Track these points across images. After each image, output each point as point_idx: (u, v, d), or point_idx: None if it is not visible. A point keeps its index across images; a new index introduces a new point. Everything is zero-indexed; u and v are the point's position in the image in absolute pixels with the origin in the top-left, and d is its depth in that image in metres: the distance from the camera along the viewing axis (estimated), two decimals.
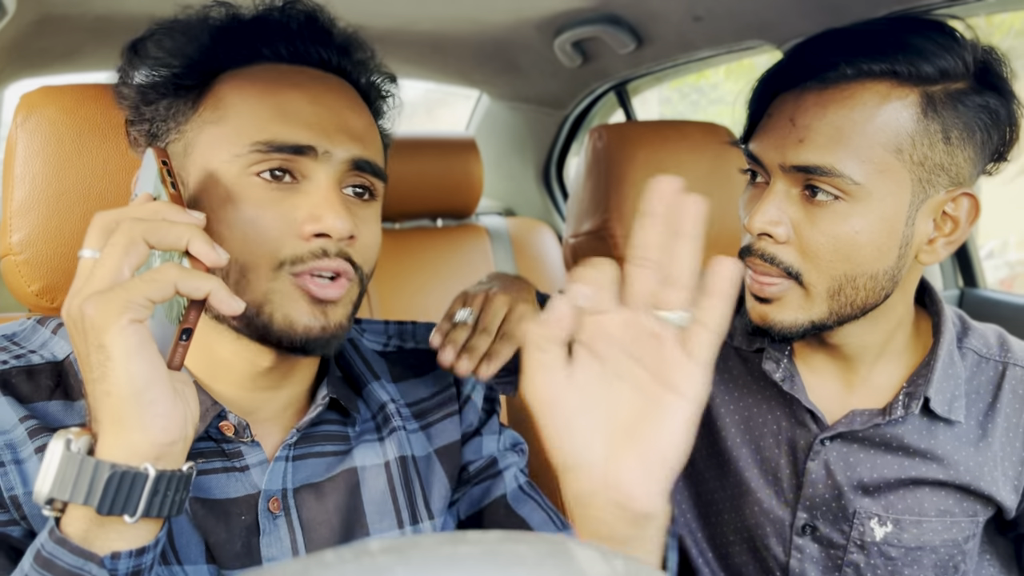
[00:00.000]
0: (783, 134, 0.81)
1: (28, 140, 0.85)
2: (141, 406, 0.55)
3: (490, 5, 1.66)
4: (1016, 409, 0.91)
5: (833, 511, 0.92)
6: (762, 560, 0.97)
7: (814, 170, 0.78)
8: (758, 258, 0.83)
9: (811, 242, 0.80)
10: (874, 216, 0.79)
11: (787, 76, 0.84)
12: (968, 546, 0.93)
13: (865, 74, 0.78)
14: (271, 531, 0.72)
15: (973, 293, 1.62)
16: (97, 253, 0.58)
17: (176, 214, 0.60)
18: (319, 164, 0.69)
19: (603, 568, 0.34)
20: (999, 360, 0.93)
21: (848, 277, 0.81)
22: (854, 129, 0.77)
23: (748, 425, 0.97)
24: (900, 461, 0.90)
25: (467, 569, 0.31)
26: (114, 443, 0.55)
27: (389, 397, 0.83)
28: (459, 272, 2.18)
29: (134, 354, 0.54)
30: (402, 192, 2.15)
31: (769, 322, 0.85)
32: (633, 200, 1.32)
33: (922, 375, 0.89)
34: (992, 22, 2.67)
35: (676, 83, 3.23)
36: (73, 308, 0.56)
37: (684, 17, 1.56)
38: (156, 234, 0.57)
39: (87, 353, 0.55)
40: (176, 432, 0.57)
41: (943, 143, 0.78)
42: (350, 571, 0.30)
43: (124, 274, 0.56)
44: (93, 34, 1.64)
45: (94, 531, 0.56)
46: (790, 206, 0.82)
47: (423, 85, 2.56)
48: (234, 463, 0.72)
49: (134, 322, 0.54)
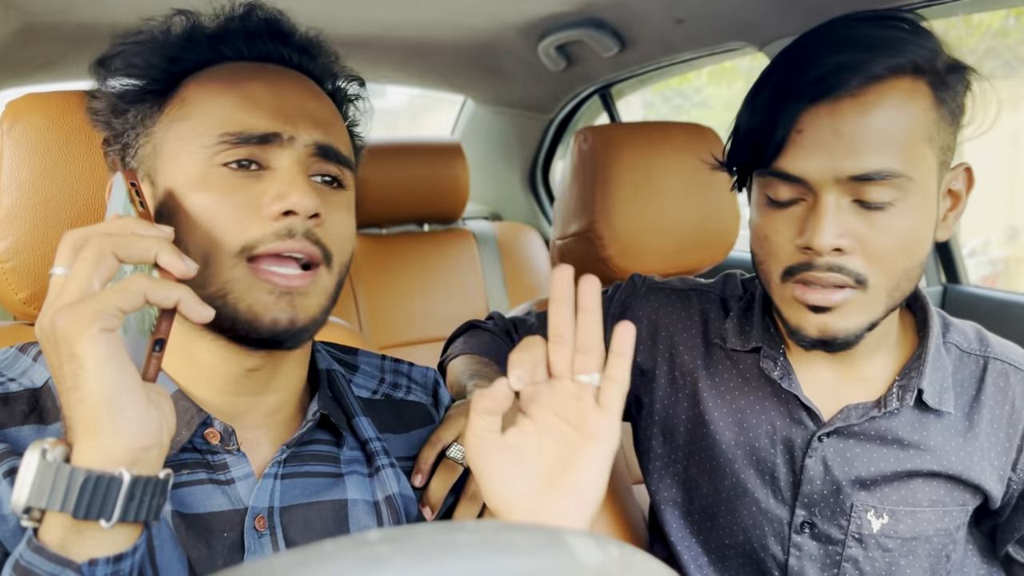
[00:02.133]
0: (829, 147, 0.80)
1: (14, 148, 0.84)
2: (113, 412, 0.55)
3: (474, 10, 1.67)
4: (999, 401, 0.93)
5: (831, 506, 0.93)
6: (759, 562, 0.97)
7: (873, 176, 0.78)
8: (825, 271, 0.82)
9: (875, 245, 0.81)
10: (922, 206, 0.82)
11: (810, 88, 0.81)
12: (958, 535, 0.94)
13: (892, 71, 0.80)
14: (256, 550, 0.70)
15: (956, 289, 1.64)
16: (67, 270, 0.59)
17: (143, 228, 0.61)
18: (283, 150, 0.70)
19: (597, 555, 0.35)
20: (980, 355, 0.94)
21: (906, 271, 0.83)
22: (895, 127, 0.79)
23: (742, 427, 0.97)
24: (895, 454, 0.91)
25: (464, 557, 0.32)
26: (89, 450, 0.56)
27: (375, 435, 0.82)
28: (446, 276, 2.18)
29: (105, 361, 0.55)
30: (388, 197, 2.15)
31: (832, 332, 0.84)
32: (620, 201, 1.33)
33: (914, 367, 0.91)
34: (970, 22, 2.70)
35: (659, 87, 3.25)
36: (44, 322, 0.57)
37: (666, 20, 1.58)
38: (125, 248, 0.59)
39: (60, 364, 0.56)
40: (150, 438, 0.57)
41: (949, 125, 0.83)
42: (349, 560, 0.30)
43: (94, 287, 0.57)
44: (75, 43, 1.63)
45: (71, 538, 0.56)
46: (846, 216, 0.81)
47: (408, 91, 2.57)
48: (219, 475, 0.71)
49: (104, 331, 0.55)
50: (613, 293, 1.11)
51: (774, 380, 0.94)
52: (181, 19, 0.75)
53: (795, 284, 0.84)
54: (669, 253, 1.39)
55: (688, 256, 1.41)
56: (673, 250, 1.38)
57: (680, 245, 1.38)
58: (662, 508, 1.04)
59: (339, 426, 0.78)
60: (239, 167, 0.69)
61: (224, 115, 0.69)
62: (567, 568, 0.33)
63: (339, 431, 0.79)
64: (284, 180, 0.68)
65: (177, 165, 0.69)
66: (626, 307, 1.08)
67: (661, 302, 1.06)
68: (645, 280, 1.11)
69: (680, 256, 1.40)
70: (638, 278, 1.11)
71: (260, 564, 0.31)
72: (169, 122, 0.71)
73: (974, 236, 3.47)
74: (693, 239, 1.39)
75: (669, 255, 1.39)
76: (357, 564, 0.30)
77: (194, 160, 0.68)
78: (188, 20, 0.75)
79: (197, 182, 0.68)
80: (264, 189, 0.68)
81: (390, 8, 1.62)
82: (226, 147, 0.68)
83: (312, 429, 0.76)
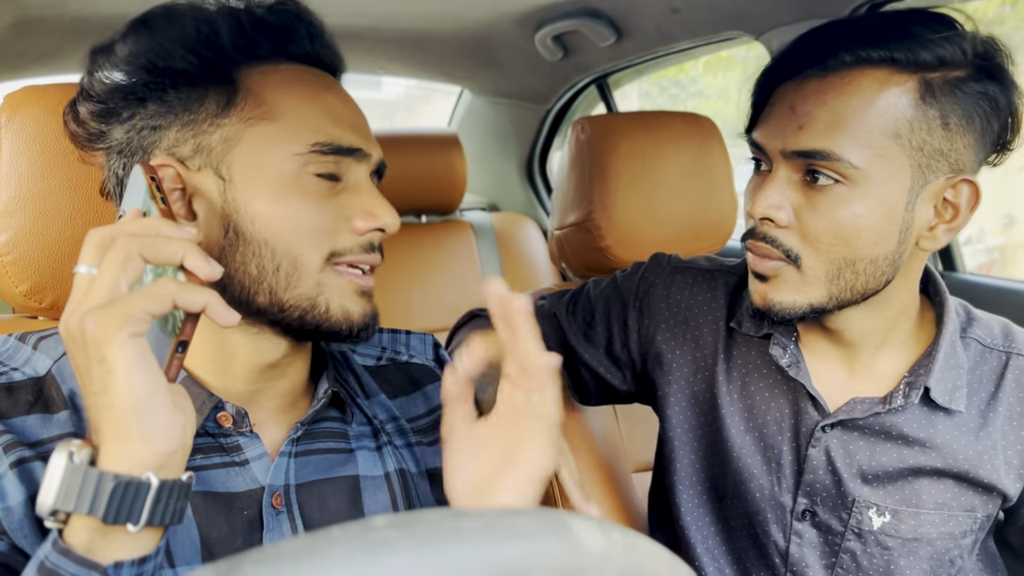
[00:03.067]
0: (784, 121, 0.83)
1: (12, 140, 0.84)
2: (143, 417, 0.55)
3: (470, 1, 1.66)
4: (1019, 398, 0.91)
5: (832, 497, 0.93)
6: (762, 546, 0.98)
7: (814, 155, 0.80)
8: (760, 240, 0.85)
9: (811, 226, 0.82)
10: (874, 200, 0.80)
11: (789, 65, 0.85)
12: (965, 541, 0.93)
13: (864, 61, 0.80)
14: (274, 527, 0.72)
15: (952, 277, 1.64)
16: (93, 269, 0.58)
17: (170, 229, 0.60)
18: (359, 165, 0.74)
19: (601, 539, 0.35)
20: (1003, 350, 0.93)
21: (848, 261, 0.82)
22: (853, 114, 0.79)
23: (752, 413, 0.97)
24: (899, 450, 0.91)
25: (469, 542, 0.32)
26: (117, 454, 0.56)
27: (387, 415, 0.84)
28: (444, 267, 2.18)
29: (135, 367, 0.55)
30: (386, 188, 2.14)
31: (768, 302, 0.87)
32: (617, 191, 1.33)
33: (924, 365, 0.90)
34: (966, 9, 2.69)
35: (656, 77, 3.24)
36: (72, 323, 0.56)
37: (663, 9, 1.58)
38: (152, 249, 0.58)
39: (87, 367, 0.56)
40: (176, 441, 0.57)
41: (942, 129, 0.79)
42: (356, 545, 0.31)
43: (122, 289, 0.57)
44: (70, 36, 1.63)
45: (97, 541, 0.56)
46: (791, 191, 0.83)
47: (404, 82, 2.56)
48: (233, 457, 0.72)
49: (134, 336, 0.55)
50: (636, 271, 1.11)
51: (783, 368, 0.94)
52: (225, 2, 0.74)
53: (746, 250, 0.89)
54: (667, 242, 1.39)
55: (686, 245, 1.41)
56: (671, 239, 1.39)
57: (678, 234, 1.39)
58: (678, 487, 1.04)
59: (347, 403, 0.80)
60: (324, 178, 0.71)
61: (314, 125, 0.71)
62: (571, 552, 0.33)
63: (346, 408, 0.80)
64: (368, 196, 0.73)
65: (263, 168, 0.69)
66: (651, 286, 1.07)
67: (687, 282, 1.06)
68: (670, 259, 1.10)
69: (678, 245, 1.40)
70: (662, 257, 1.11)
71: (268, 550, 0.31)
72: (247, 119, 0.70)
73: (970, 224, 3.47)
74: (691, 228, 1.39)
75: (667, 244, 1.39)
76: (364, 549, 0.31)
77: (285, 166, 0.70)
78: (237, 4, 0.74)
79: (289, 188, 0.69)
80: (348, 200, 0.72)
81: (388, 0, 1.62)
82: (316, 156, 0.70)
83: (324, 407, 0.78)
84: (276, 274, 0.70)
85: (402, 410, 0.86)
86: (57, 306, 0.88)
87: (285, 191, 0.69)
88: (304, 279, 0.70)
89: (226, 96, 0.70)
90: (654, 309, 1.06)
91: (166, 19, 0.71)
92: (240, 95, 0.70)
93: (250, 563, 0.30)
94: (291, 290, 0.70)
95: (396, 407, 0.85)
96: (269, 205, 0.69)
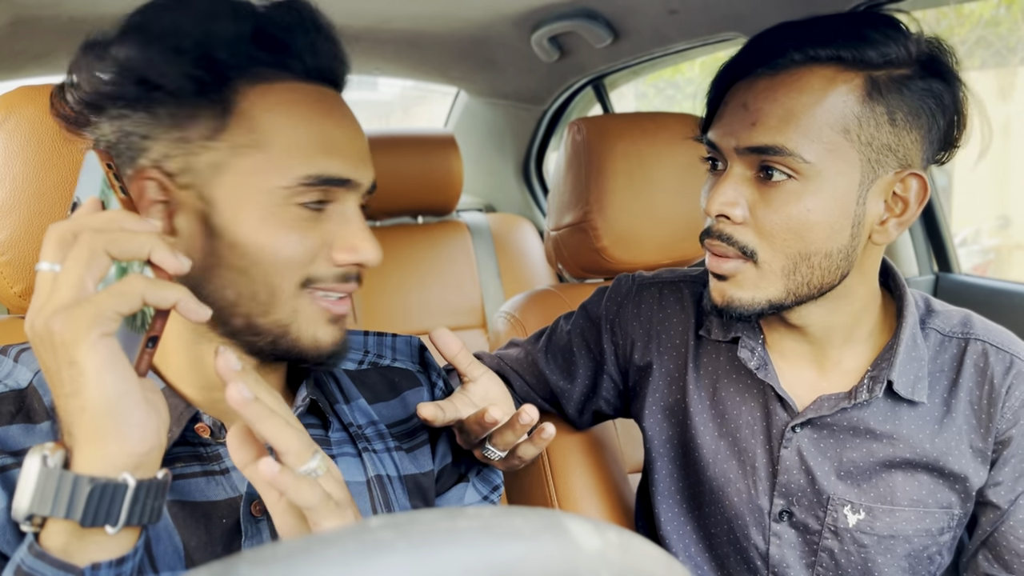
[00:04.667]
0: (737, 119, 0.84)
1: (7, 141, 0.84)
2: (116, 418, 0.55)
3: (466, 2, 1.66)
4: (978, 382, 0.93)
5: (808, 496, 0.94)
6: (743, 550, 0.98)
7: (766, 150, 0.82)
8: (716, 239, 0.86)
9: (766, 221, 0.84)
10: (825, 195, 0.82)
11: (740, 65, 0.88)
12: (943, 538, 0.94)
13: (812, 59, 0.82)
14: (254, 535, 0.71)
15: (947, 278, 1.65)
16: (56, 266, 0.57)
17: (134, 223, 0.59)
18: (349, 193, 0.72)
19: (597, 540, 0.35)
20: (960, 336, 0.94)
21: (803, 255, 0.84)
22: (803, 111, 0.81)
23: (724, 419, 0.98)
24: (868, 444, 0.92)
25: (465, 543, 0.32)
26: (91, 456, 0.55)
27: (367, 420, 0.83)
28: (441, 268, 2.18)
29: (106, 368, 0.54)
30: (382, 189, 2.12)
31: (727, 299, 0.88)
32: (614, 192, 1.33)
33: (885, 359, 0.91)
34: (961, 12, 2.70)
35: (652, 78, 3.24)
36: (38, 324, 0.55)
37: (659, 10, 1.58)
38: (117, 245, 0.57)
39: (57, 369, 0.55)
40: (151, 441, 0.57)
41: (889, 125, 0.82)
42: (351, 547, 0.31)
43: (88, 287, 0.55)
44: (66, 36, 1.63)
45: (74, 543, 0.55)
46: (746, 188, 0.85)
47: (400, 83, 2.56)
48: (213, 466, 0.72)
49: (104, 336, 0.54)
50: (601, 296, 1.11)
51: (752, 370, 0.94)
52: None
53: (705, 249, 0.89)
54: (663, 243, 1.39)
55: (683, 246, 1.41)
56: (668, 240, 1.39)
57: (675, 235, 1.39)
58: (657, 497, 1.04)
59: (326, 411, 0.79)
60: (310, 206, 0.69)
61: (305, 155, 0.68)
62: (567, 553, 0.33)
63: (326, 416, 0.80)
64: (352, 227, 0.71)
65: (247, 197, 0.67)
66: (619, 307, 1.08)
67: (655, 296, 1.07)
68: (634, 278, 1.11)
69: (675, 246, 1.40)
70: (625, 278, 1.12)
71: (262, 551, 0.31)
72: (237, 147, 0.67)
73: (966, 225, 3.48)
74: (688, 229, 1.40)
75: (663, 245, 1.39)
76: (359, 550, 0.31)
77: (272, 198, 0.67)
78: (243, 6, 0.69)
79: (271, 218, 0.68)
80: (330, 230, 0.70)
81: (382, 0, 1.62)
82: (303, 189, 0.68)
83: (303, 414, 0.77)
84: (253, 300, 0.69)
85: (381, 415, 0.85)
86: None
87: (269, 221, 0.67)
88: (280, 306, 0.69)
89: (218, 118, 0.67)
90: (626, 328, 1.07)
91: (163, 28, 0.67)
92: (232, 118, 0.67)
93: (245, 564, 0.30)
94: (266, 316, 0.69)
95: (376, 412, 0.85)
96: (252, 234, 0.67)
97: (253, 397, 0.57)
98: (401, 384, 0.89)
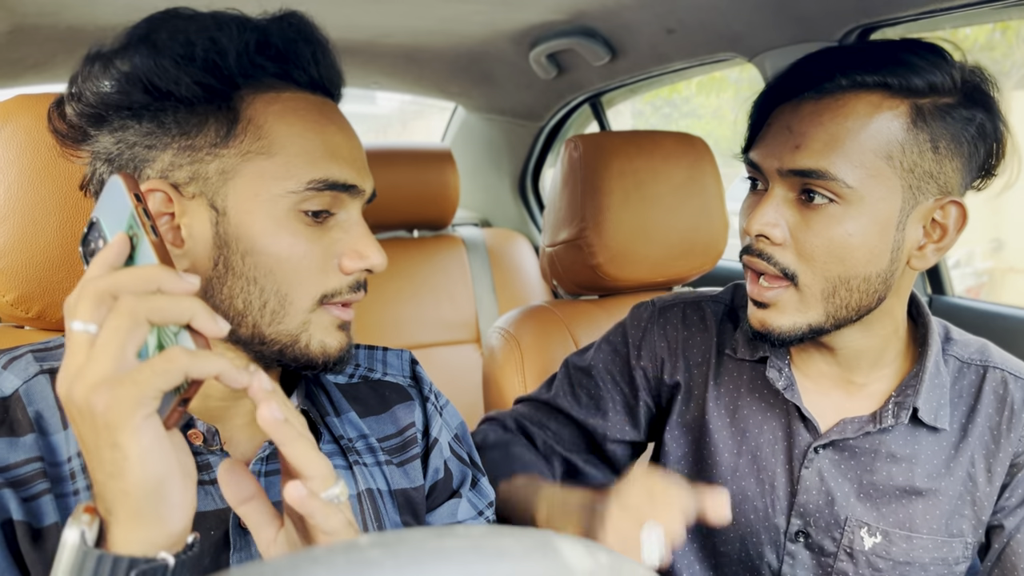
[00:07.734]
0: (781, 141, 0.85)
1: (3, 149, 0.84)
2: (159, 503, 0.53)
3: (465, 18, 1.67)
4: (997, 408, 0.93)
5: (825, 518, 0.94)
6: (755, 568, 0.98)
7: (809, 174, 0.82)
8: (756, 257, 0.87)
9: (806, 244, 0.84)
10: (866, 219, 0.82)
11: (786, 88, 0.88)
12: (959, 568, 0.94)
13: (859, 85, 0.82)
14: (242, 547, 0.70)
15: (941, 300, 1.65)
16: (91, 326, 0.53)
17: (174, 282, 0.55)
18: (353, 200, 0.73)
19: (587, 561, 0.35)
20: (979, 364, 0.95)
21: (842, 279, 0.84)
22: (847, 136, 0.81)
23: (744, 436, 0.98)
24: (888, 468, 0.92)
25: (454, 562, 0.32)
26: (131, 537, 0.53)
27: (357, 433, 0.83)
28: (436, 282, 2.18)
29: (151, 452, 0.52)
30: (378, 203, 2.13)
31: (768, 327, 0.88)
32: (609, 209, 1.33)
33: (911, 385, 0.91)
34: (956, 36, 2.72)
35: (649, 97, 3.26)
36: (77, 396, 0.52)
37: (657, 30, 1.59)
38: (159, 313, 0.54)
39: (97, 447, 0.53)
40: (189, 517, 0.55)
41: (932, 152, 0.82)
42: (339, 565, 0.30)
43: (130, 359, 0.53)
44: (65, 45, 1.63)
45: None
46: (787, 210, 0.85)
47: (398, 97, 2.57)
48: (203, 476, 0.70)
49: (148, 417, 0.52)
50: (622, 328, 1.10)
51: (778, 390, 0.95)
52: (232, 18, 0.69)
53: (746, 270, 0.90)
54: (658, 261, 1.39)
55: (677, 265, 1.41)
56: (662, 258, 1.39)
57: (670, 253, 1.39)
58: None
59: (317, 423, 0.79)
60: (314, 215, 0.70)
61: (311, 161, 0.69)
62: (557, 573, 0.33)
63: (316, 428, 0.79)
64: (357, 235, 0.73)
65: (259, 204, 0.68)
66: (644, 332, 1.08)
67: (678, 316, 1.07)
68: (654, 303, 1.11)
69: (669, 264, 1.41)
70: (643, 305, 1.11)
71: (250, 569, 0.31)
72: (245, 151, 0.68)
73: (959, 248, 3.49)
74: (682, 248, 1.40)
75: (658, 263, 1.40)
76: (347, 569, 0.31)
77: (279, 204, 0.68)
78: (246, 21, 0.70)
79: (281, 226, 0.68)
80: (336, 238, 0.72)
81: (381, 14, 1.62)
82: (311, 194, 0.69)
83: None
84: (263, 310, 0.69)
85: (372, 429, 0.85)
86: (44, 316, 0.87)
87: (279, 228, 0.68)
88: (291, 317, 0.70)
89: (227, 125, 0.68)
90: (654, 350, 1.06)
91: (170, 37, 0.66)
92: (241, 125, 0.68)
93: None
94: (275, 325, 0.69)
95: (366, 426, 0.84)
96: (262, 242, 0.68)
97: (284, 418, 0.56)
98: (392, 398, 0.88)
